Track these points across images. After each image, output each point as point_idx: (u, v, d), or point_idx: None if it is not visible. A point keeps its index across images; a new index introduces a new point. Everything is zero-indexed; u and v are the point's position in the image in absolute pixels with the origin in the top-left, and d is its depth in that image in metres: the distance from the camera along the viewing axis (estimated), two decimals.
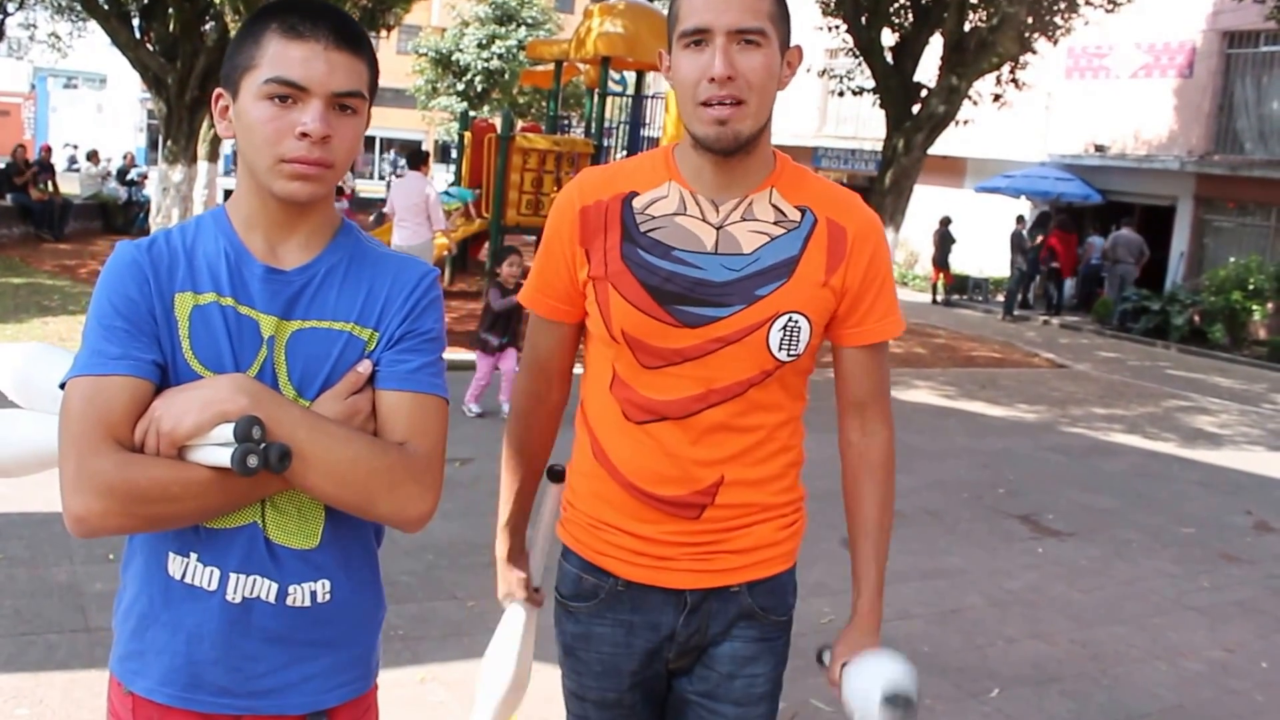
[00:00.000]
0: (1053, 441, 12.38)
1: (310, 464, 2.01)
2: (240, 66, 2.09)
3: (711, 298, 2.48)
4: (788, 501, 2.67)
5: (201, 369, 2.07)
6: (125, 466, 1.96)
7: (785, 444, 2.64)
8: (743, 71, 2.36)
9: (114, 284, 2.08)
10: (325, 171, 2.09)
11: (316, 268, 2.18)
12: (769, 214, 2.53)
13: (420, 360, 2.19)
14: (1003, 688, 5.82)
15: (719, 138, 2.40)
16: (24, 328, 13.17)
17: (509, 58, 45.84)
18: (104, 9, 20.45)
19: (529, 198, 18.13)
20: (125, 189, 26.58)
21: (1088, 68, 28.08)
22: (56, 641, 5.33)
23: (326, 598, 2.18)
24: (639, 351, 2.52)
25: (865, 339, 2.63)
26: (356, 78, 2.09)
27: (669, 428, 2.54)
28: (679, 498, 2.56)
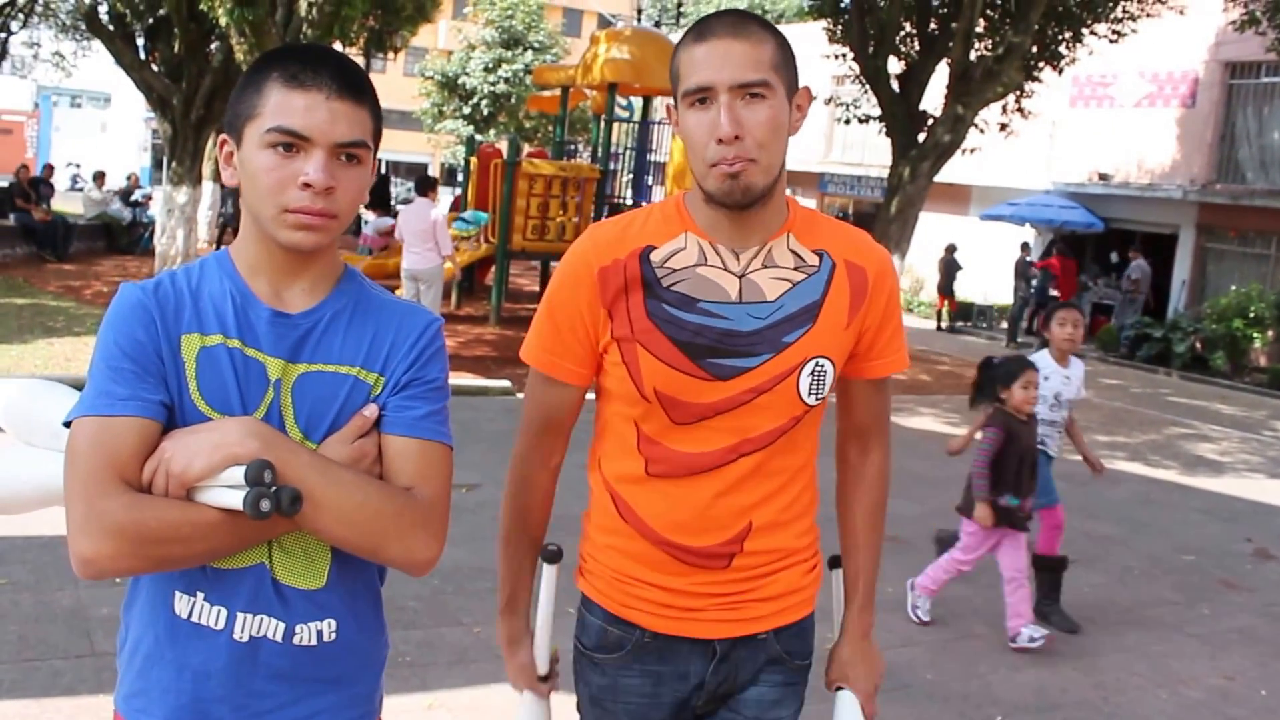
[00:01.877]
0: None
1: (321, 507, 2.02)
2: (243, 115, 2.11)
3: (741, 348, 2.46)
4: (808, 544, 2.69)
5: (208, 410, 2.08)
6: (134, 508, 1.96)
7: (805, 484, 2.65)
8: (749, 128, 2.34)
9: (120, 325, 2.09)
10: (329, 222, 2.10)
11: (322, 312, 2.20)
12: (789, 260, 2.52)
13: (426, 408, 2.20)
14: (1005, 715, 5.86)
15: (730, 191, 2.38)
16: (29, 349, 13.16)
17: (515, 81, 45.95)
18: (108, 29, 20.51)
19: (535, 223, 18.20)
20: (129, 210, 26.59)
21: (1092, 97, 28.18)
22: (61, 667, 5.34)
23: (332, 637, 2.21)
24: (672, 409, 2.49)
25: (876, 373, 2.67)
26: (360, 127, 2.11)
27: (701, 480, 2.52)
28: (709, 548, 2.54)
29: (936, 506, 10.01)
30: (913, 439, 13.23)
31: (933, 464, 11.73)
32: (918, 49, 19.42)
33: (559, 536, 2.74)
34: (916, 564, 8.12)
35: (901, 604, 7.33)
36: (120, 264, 23.47)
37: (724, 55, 2.34)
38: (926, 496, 10.27)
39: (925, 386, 17.96)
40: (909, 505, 9.95)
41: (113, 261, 23.78)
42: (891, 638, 6.70)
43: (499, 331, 18.13)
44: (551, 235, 18.38)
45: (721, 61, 2.34)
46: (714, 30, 2.38)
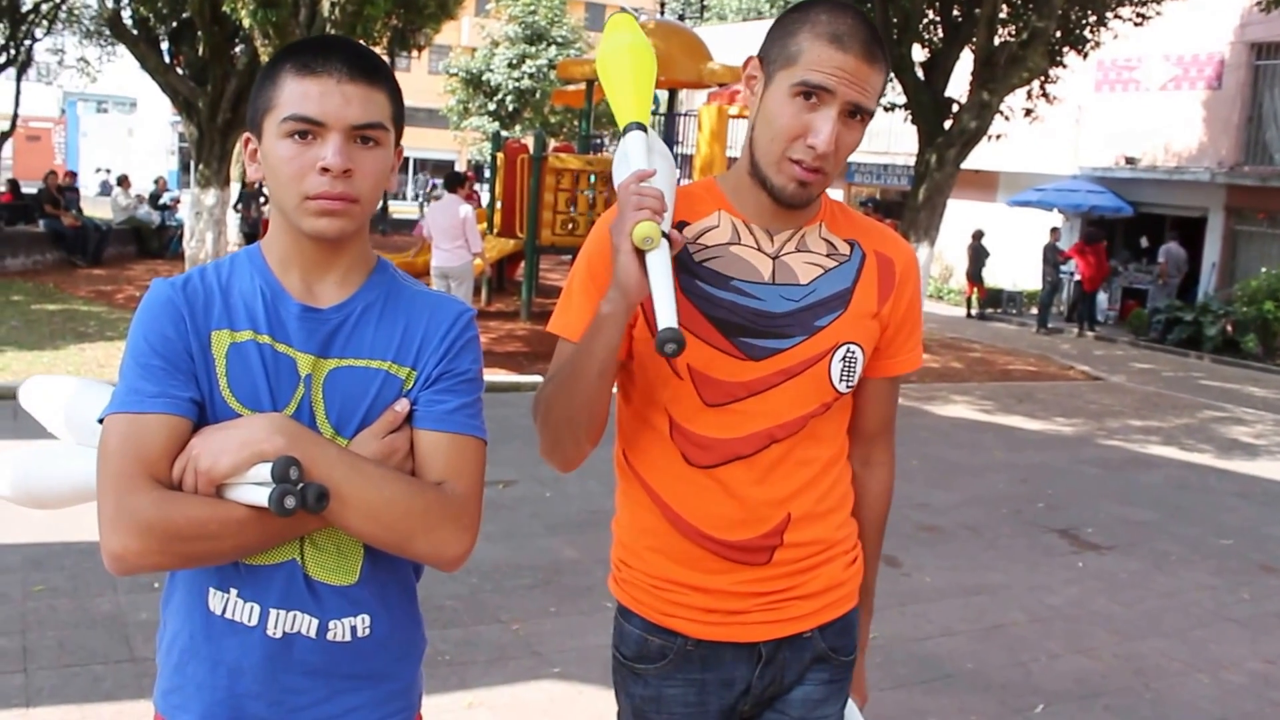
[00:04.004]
0: (1090, 454, 12.37)
1: (348, 504, 2.01)
2: (261, 109, 2.11)
3: (773, 329, 2.42)
4: (847, 535, 2.65)
5: (239, 407, 2.08)
6: (163, 504, 1.96)
7: (839, 476, 2.61)
8: (840, 147, 2.33)
9: (150, 322, 2.09)
10: (351, 206, 2.08)
11: (353, 305, 2.18)
12: (821, 246, 2.52)
13: (458, 401, 2.18)
14: (1047, 703, 5.83)
15: (794, 195, 2.38)
16: (61, 354, 13.23)
17: (540, 77, 45.93)
18: (133, 34, 20.57)
19: (563, 218, 18.20)
20: (158, 213, 26.70)
21: (1117, 80, 28.01)
22: (102, 673, 5.35)
23: (366, 632, 2.19)
24: (704, 387, 2.43)
25: (891, 370, 2.63)
26: (375, 109, 2.09)
27: (735, 469, 2.45)
28: (749, 541, 2.48)
29: (972, 495, 10.03)
30: (946, 427, 13.24)
31: (967, 452, 11.74)
32: (942, 36, 19.34)
33: (597, 534, 2.67)
34: (953, 553, 8.15)
35: (942, 593, 7.32)
36: (151, 268, 23.53)
37: (854, 72, 2.29)
38: (963, 485, 10.26)
39: (957, 374, 17.91)
40: (946, 494, 9.96)
41: (144, 266, 23.86)
42: (931, 628, 6.69)
43: (530, 327, 18.12)
44: (580, 230, 18.33)
45: (851, 77, 2.29)
46: (852, 42, 2.29)
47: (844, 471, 2.63)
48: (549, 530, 8.00)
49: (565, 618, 6.50)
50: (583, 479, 9.13)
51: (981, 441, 12.64)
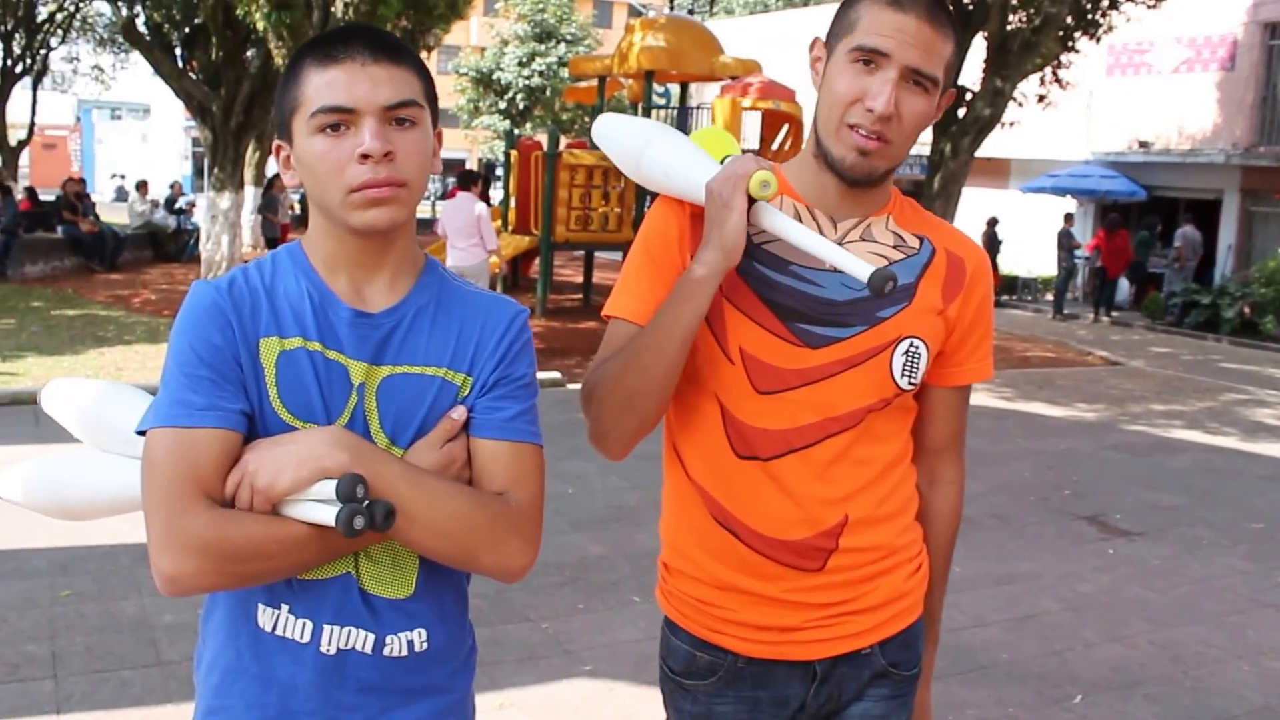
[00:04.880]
0: (1114, 440, 12.30)
1: (414, 520, 1.94)
2: (288, 110, 2.02)
3: (833, 316, 2.31)
4: (911, 542, 2.50)
5: (290, 418, 1.99)
6: (218, 524, 1.88)
7: (902, 478, 2.46)
8: (903, 113, 2.21)
9: (195, 329, 1.98)
10: (399, 191, 1.98)
11: (405, 309, 2.09)
12: (888, 238, 2.39)
13: (516, 408, 2.10)
14: (1085, 693, 5.78)
15: (854, 166, 2.26)
16: (81, 359, 13.26)
17: (550, 75, 45.95)
18: (146, 40, 20.63)
19: (578, 214, 18.20)
20: (174, 217, 26.75)
21: (1129, 64, 27.91)
22: (130, 678, 5.32)
23: (424, 646, 2.12)
24: (755, 373, 2.31)
25: (960, 379, 2.50)
26: (406, 87, 1.99)
27: (788, 463, 2.32)
28: (802, 542, 2.34)
29: (998, 483, 9.97)
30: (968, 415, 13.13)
31: (990, 440, 11.67)
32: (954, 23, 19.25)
33: (622, 529, 2.55)
34: (980, 542, 8.09)
35: (973, 583, 7.27)
36: (167, 272, 23.62)
37: (914, 34, 2.20)
38: (988, 473, 10.18)
39: None
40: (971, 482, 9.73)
41: (160, 270, 23.93)
42: (964, 618, 6.64)
43: (545, 324, 18.13)
44: (595, 226, 18.37)
45: (911, 39, 2.19)
46: (911, 4, 2.21)
47: (908, 475, 2.49)
48: (573, 527, 7.96)
49: (594, 614, 6.47)
50: (605, 475, 9.14)
51: (1003, 429, 12.55)
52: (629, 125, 2.51)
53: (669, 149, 2.38)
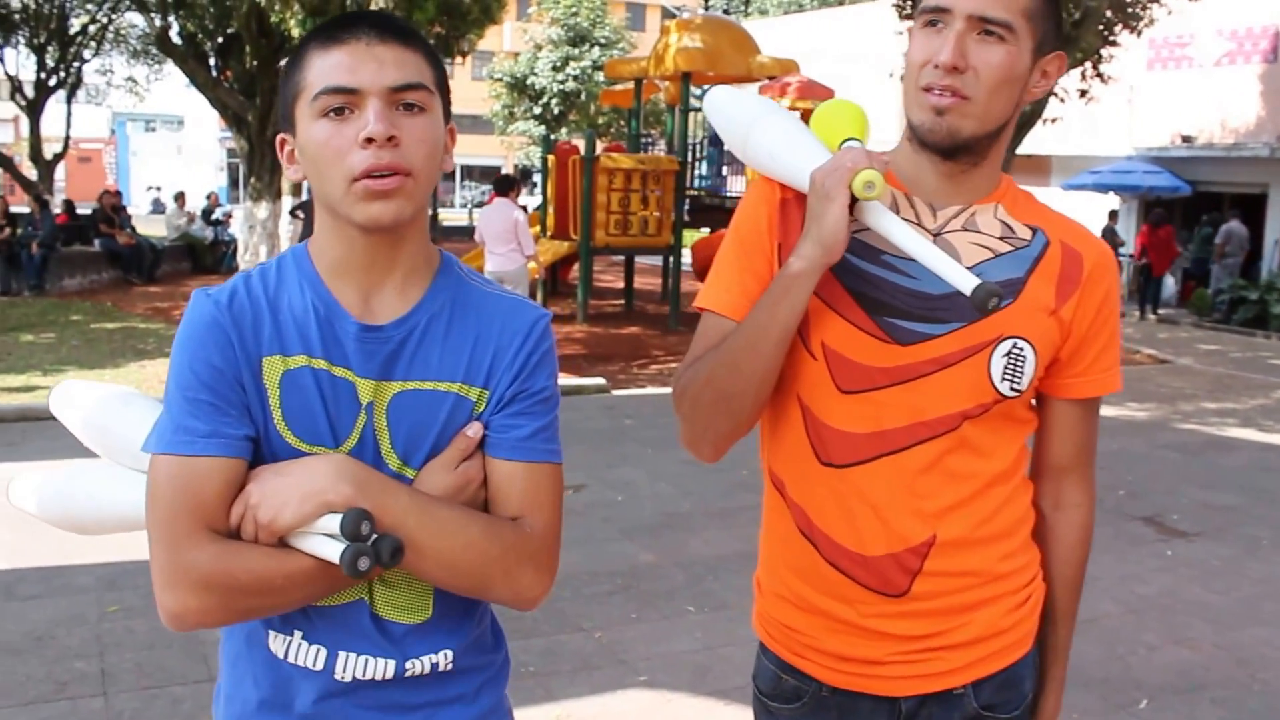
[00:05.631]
0: (1167, 439, 12.12)
1: (423, 554, 1.85)
2: (290, 97, 1.91)
3: (926, 311, 2.13)
4: (1018, 570, 2.27)
5: (296, 441, 1.90)
6: (222, 558, 1.80)
7: (1009, 499, 2.24)
8: (975, 65, 2.05)
9: (195, 349, 1.88)
10: (404, 181, 1.84)
11: (416, 319, 1.96)
12: (995, 228, 2.21)
13: (533, 425, 1.99)
14: (1150, 698, 5.66)
15: (933, 129, 2.10)
16: (122, 373, 13.24)
17: (584, 79, 45.91)
18: (180, 50, 20.68)
19: (617, 218, 18.08)
20: (211, 229, 26.83)
21: (1170, 58, 27.67)
22: (181, 694, 5.28)
23: (449, 666, 2.03)
24: (839, 370, 2.16)
25: (1083, 391, 2.27)
26: (413, 69, 1.87)
27: (873, 469, 2.16)
28: (882, 559, 2.16)
29: None
30: None
31: None
32: None
33: (673, 537, 2.35)
34: None
35: None
36: (206, 283, 23.47)
37: None
38: None
39: None
40: None
41: (198, 281, 23.89)
42: None
43: (587, 329, 18.12)
44: (634, 230, 18.26)
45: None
46: None
47: (1018, 496, 2.27)
48: (624, 535, 7.88)
49: (648, 624, 6.37)
50: (654, 482, 9.07)
51: None
52: (740, 101, 2.38)
53: (778, 131, 2.25)
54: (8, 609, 6.29)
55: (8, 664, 5.58)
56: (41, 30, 31.50)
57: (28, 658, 5.66)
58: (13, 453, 9.62)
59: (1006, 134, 2.19)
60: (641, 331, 18.75)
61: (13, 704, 5.16)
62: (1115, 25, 19.75)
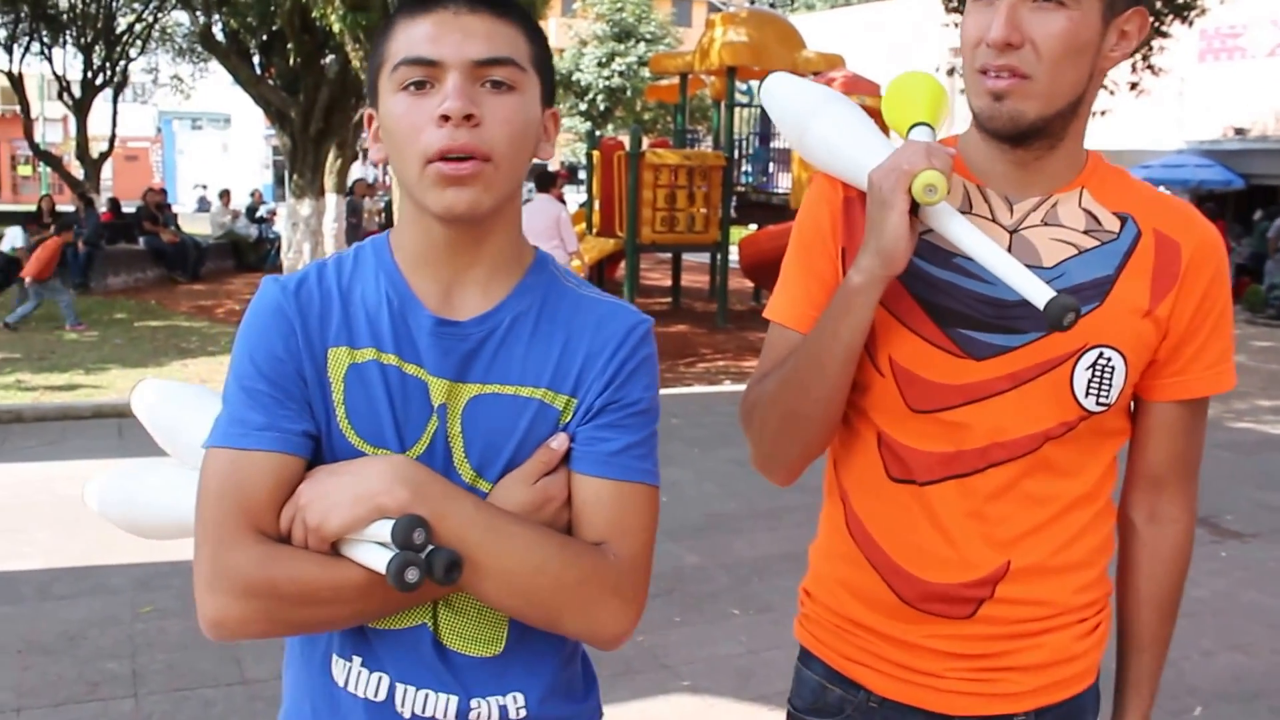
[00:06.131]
0: (1220, 438, 11.82)
1: (484, 573, 1.65)
2: (375, 68, 1.77)
3: (1001, 321, 1.93)
4: (1091, 603, 2.08)
5: (359, 442, 1.74)
6: (266, 563, 1.64)
7: (1091, 524, 2.05)
8: (1033, 38, 1.82)
9: (256, 337, 1.75)
10: (481, 167, 1.67)
11: (500, 317, 1.78)
12: (1079, 220, 1.98)
13: (625, 439, 1.78)
14: (1206, 705, 5.50)
15: (993, 115, 1.88)
16: (164, 371, 13.31)
17: (630, 75, 45.89)
18: (223, 47, 20.72)
19: (663, 214, 17.94)
20: (255, 226, 26.91)
21: (1221, 49, 27.39)
22: (213, 696, 5.22)
23: (520, 713, 1.81)
24: (909, 388, 1.97)
25: (1184, 392, 2.03)
26: (504, 43, 1.70)
27: (944, 491, 1.98)
28: (950, 588, 1.99)
29: None
30: None
31: None
32: None
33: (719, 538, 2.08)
34: None
35: None
36: (250, 281, 23.71)
37: None
38: None
39: None
40: None
41: (243, 279, 24.07)
42: None
43: None
44: (681, 227, 18.12)
45: None
46: None
47: (1099, 522, 2.07)
48: (668, 536, 7.68)
49: (691, 627, 6.26)
50: (700, 482, 8.95)
51: None
52: (798, 90, 2.16)
53: (836, 123, 2.05)
54: (42, 608, 6.27)
55: (41, 664, 5.55)
56: (88, 30, 31.80)
57: (60, 658, 5.63)
58: (53, 451, 9.64)
59: (1085, 109, 1.96)
60: (689, 330, 18.61)
61: (44, 705, 5.13)
62: (1166, 16, 19.51)
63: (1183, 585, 2.15)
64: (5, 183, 57.95)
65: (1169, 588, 2.12)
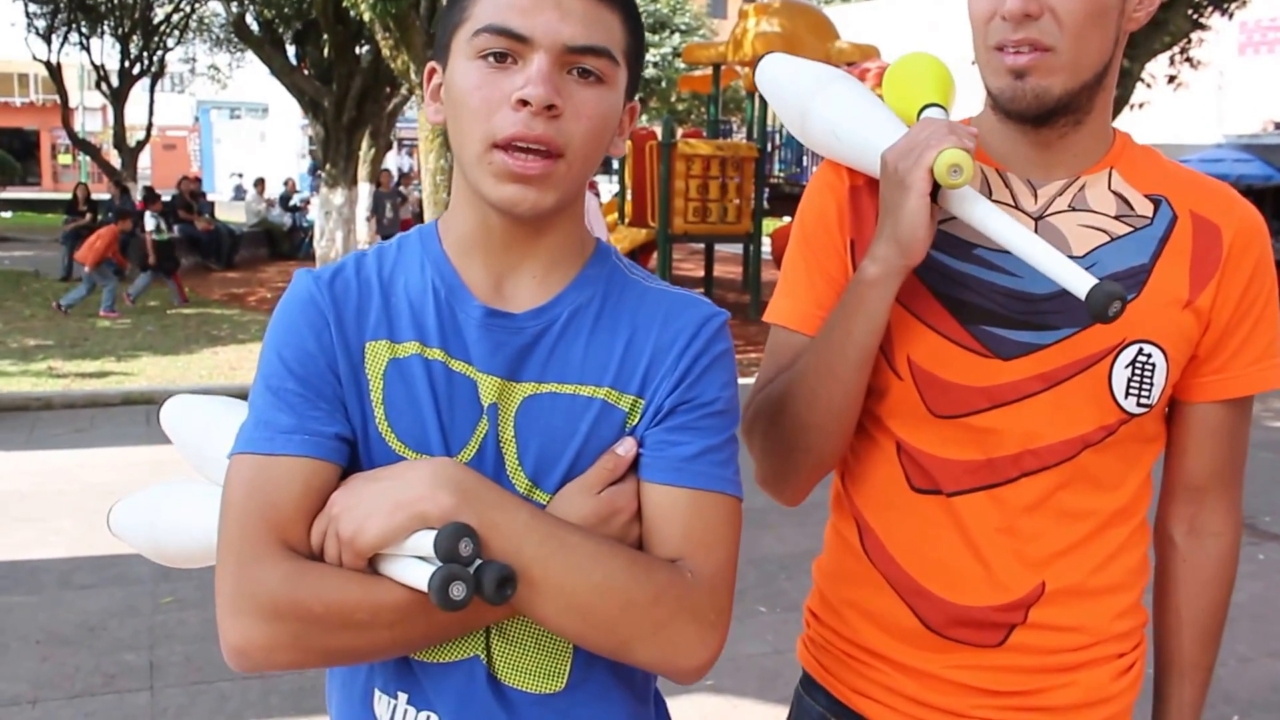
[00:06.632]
0: (1259, 438, 11.59)
1: (542, 591, 1.46)
2: (451, 23, 1.56)
3: (1031, 317, 1.77)
4: (1129, 632, 1.91)
5: (400, 447, 1.56)
6: (295, 582, 1.45)
7: (1129, 542, 1.88)
8: (1052, 5, 1.66)
9: (285, 331, 1.58)
10: (552, 167, 1.50)
11: (558, 310, 1.61)
12: (1109, 204, 1.81)
13: (701, 443, 1.58)
14: (1242, 713, 5.39)
15: (1015, 95, 1.72)
16: (195, 359, 13.37)
17: (664, 65, 45.83)
18: (257, 37, 20.78)
19: (695, 205, 17.84)
20: (289, 215, 26.97)
21: (1262, 42, 27.14)
22: (228, 690, 5.18)
23: None
24: (929, 392, 1.81)
25: (1226, 391, 1.86)
26: (602, 30, 1.52)
27: (974, 502, 1.81)
28: (979, 611, 1.82)
29: None
30: None
31: None
32: None
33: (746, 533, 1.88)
34: None
35: None
36: (283, 269, 23.84)
37: None
38: None
39: None
40: None
41: (276, 268, 24.18)
42: None
43: None
44: (714, 218, 18.01)
45: None
46: None
47: (1136, 540, 1.91)
48: None
49: None
50: None
51: None
52: (796, 71, 2.00)
53: (842, 102, 1.88)
54: (63, 598, 6.26)
55: (59, 654, 5.54)
56: (126, 20, 32.11)
57: (78, 648, 5.62)
58: (82, 439, 9.65)
59: (1111, 78, 1.80)
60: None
61: (59, 696, 5.11)
62: (1205, 8, 19.29)
63: (1227, 605, 1.97)
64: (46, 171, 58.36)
65: (1211, 608, 1.95)
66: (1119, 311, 1.58)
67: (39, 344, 14.14)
